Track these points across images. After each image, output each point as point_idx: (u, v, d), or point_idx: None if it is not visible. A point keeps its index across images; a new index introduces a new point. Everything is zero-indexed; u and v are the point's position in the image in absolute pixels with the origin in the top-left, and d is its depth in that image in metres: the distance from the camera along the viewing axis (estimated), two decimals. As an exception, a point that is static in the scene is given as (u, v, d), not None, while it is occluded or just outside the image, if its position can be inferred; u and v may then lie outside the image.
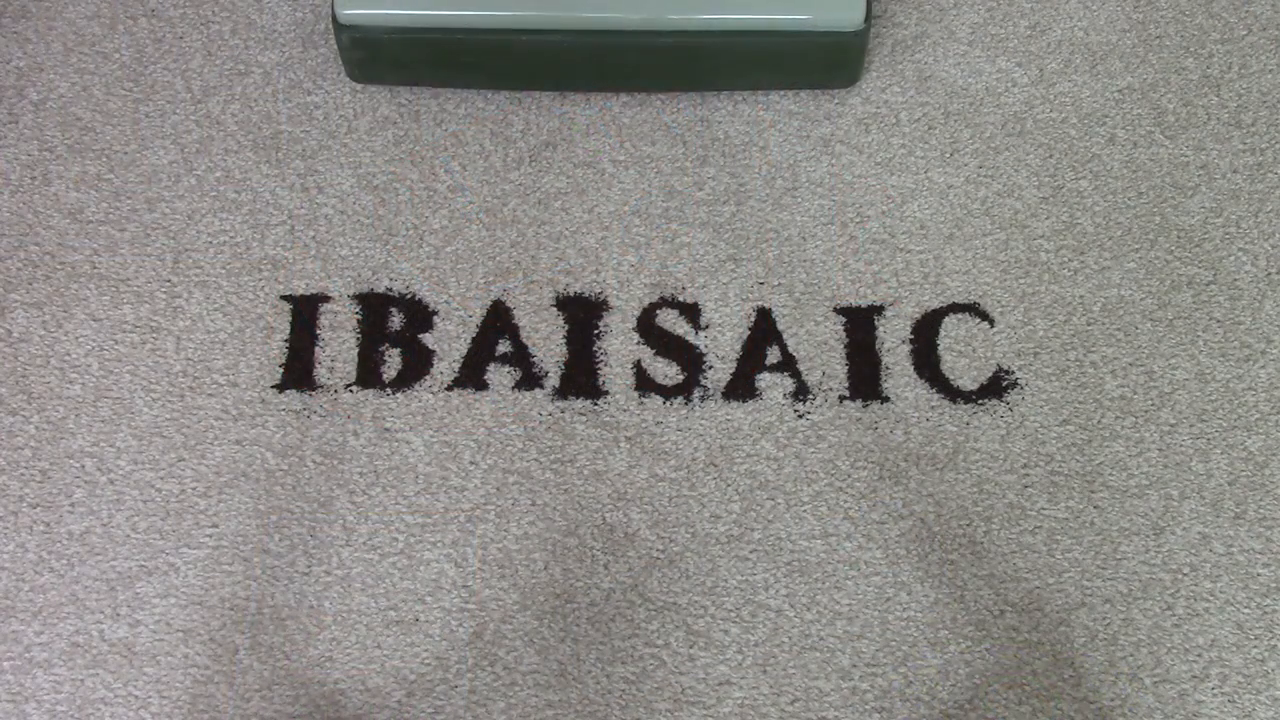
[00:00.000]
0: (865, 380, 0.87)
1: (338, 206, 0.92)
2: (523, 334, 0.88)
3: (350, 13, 0.89)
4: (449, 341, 0.88)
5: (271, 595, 0.81)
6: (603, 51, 0.91)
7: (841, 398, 0.86)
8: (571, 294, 0.90)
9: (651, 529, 0.83)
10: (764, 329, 0.88)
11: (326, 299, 0.89)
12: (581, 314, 0.89)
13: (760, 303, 0.89)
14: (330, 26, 0.93)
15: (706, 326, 0.88)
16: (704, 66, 0.93)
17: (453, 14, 0.89)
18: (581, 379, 0.87)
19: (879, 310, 0.89)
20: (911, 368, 0.87)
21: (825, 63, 0.92)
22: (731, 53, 0.91)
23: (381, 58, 0.92)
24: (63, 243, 0.91)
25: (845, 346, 0.88)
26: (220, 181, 0.92)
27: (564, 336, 0.88)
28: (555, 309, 0.89)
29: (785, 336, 0.88)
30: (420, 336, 0.88)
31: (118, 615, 0.81)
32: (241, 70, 0.96)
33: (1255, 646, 0.80)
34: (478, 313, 0.89)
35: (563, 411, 0.86)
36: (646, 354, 0.88)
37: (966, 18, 0.98)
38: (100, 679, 0.79)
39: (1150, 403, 0.86)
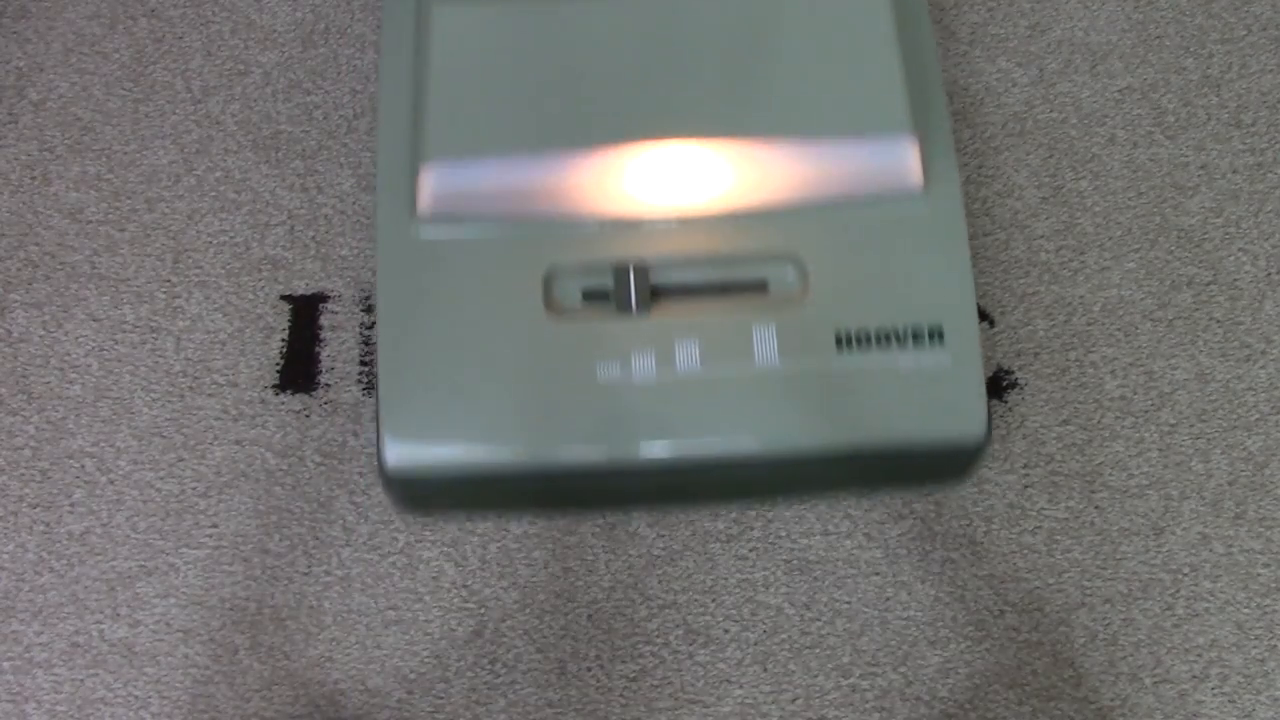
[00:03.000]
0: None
1: (338, 206, 0.92)
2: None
3: (399, 464, 0.75)
4: (449, 341, 0.88)
5: (271, 595, 0.81)
6: (686, 483, 0.79)
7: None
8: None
9: (651, 527, 0.83)
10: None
11: (326, 299, 0.89)
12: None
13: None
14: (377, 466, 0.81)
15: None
16: (796, 487, 0.83)
17: (522, 457, 0.74)
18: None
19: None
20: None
21: (940, 473, 0.82)
22: (832, 475, 0.80)
23: (432, 500, 0.81)
24: (63, 243, 0.91)
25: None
26: (220, 181, 0.92)
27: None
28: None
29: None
30: (420, 336, 0.88)
31: (118, 615, 0.81)
32: (241, 70, 0.96)
33: (1255, 646, 0.80)
34: (478, 312, 0.89)
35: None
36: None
37: (966, 18, 0.98)
38: (100, 679, 0.79)
39: (1150, 403, 0.86)
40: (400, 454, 0.74)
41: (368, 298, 0.89)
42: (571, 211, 0.76)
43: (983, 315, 0.88)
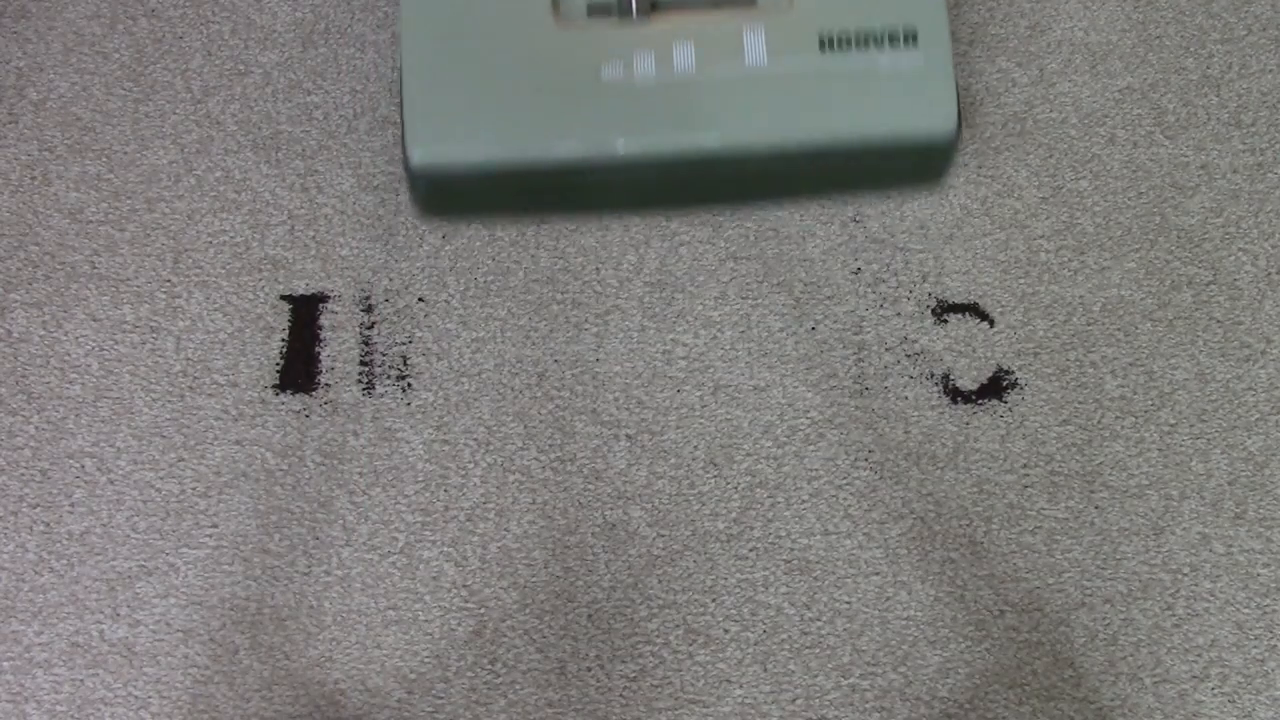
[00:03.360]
0: (865, 379, 0.87)
1: (338, 206, 0.92)
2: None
3: (423, 162, 0.83)
4: (449, 340, 0.88)
5: (271, 595, 0.81)
6: (684, 176, 0.86)
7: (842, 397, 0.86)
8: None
9: (651, 527, 0.83)
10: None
11: (326, 299, 0.89)
12: (581, 314, 0.89)
13: (758, 302, 0.89)
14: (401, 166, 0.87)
15: (706, 325, 0.88)
16: (784, 184, 0.89)
17: (534, 151, 0.83)
18: (582, 376, 0.87)
19: (879, 309, 0.89)
20: (911, 367, 0.87)
21: (914, 171, 0.89)
22: (815, 170, 0.87)
23: (451, 199, 0.88)
24: (63, 243, 0.91)
25: (843, 345, 0.88)
26: (220, 181, 0.92)
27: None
28: (556, 307, 0.89)
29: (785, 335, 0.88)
30: (420, 336, 0.88)
31: (118, 615, 0.81)
32: (241, 70, 0.96)
33: (1255, 646, 0.80)
34: (478, 311, 0.89)
35: (563, 410, 0.86)
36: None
37: (966, 18, 0.98)
38: (100, 679, 0.79)
39: (1150, 403, 0.86)
40: (424, 153, 0.82)
41: (368, 298, 0.89)
42: None
43: (983, 315, 0.88)
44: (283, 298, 0.89)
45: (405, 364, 0.88)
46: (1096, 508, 0.83)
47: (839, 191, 0.90)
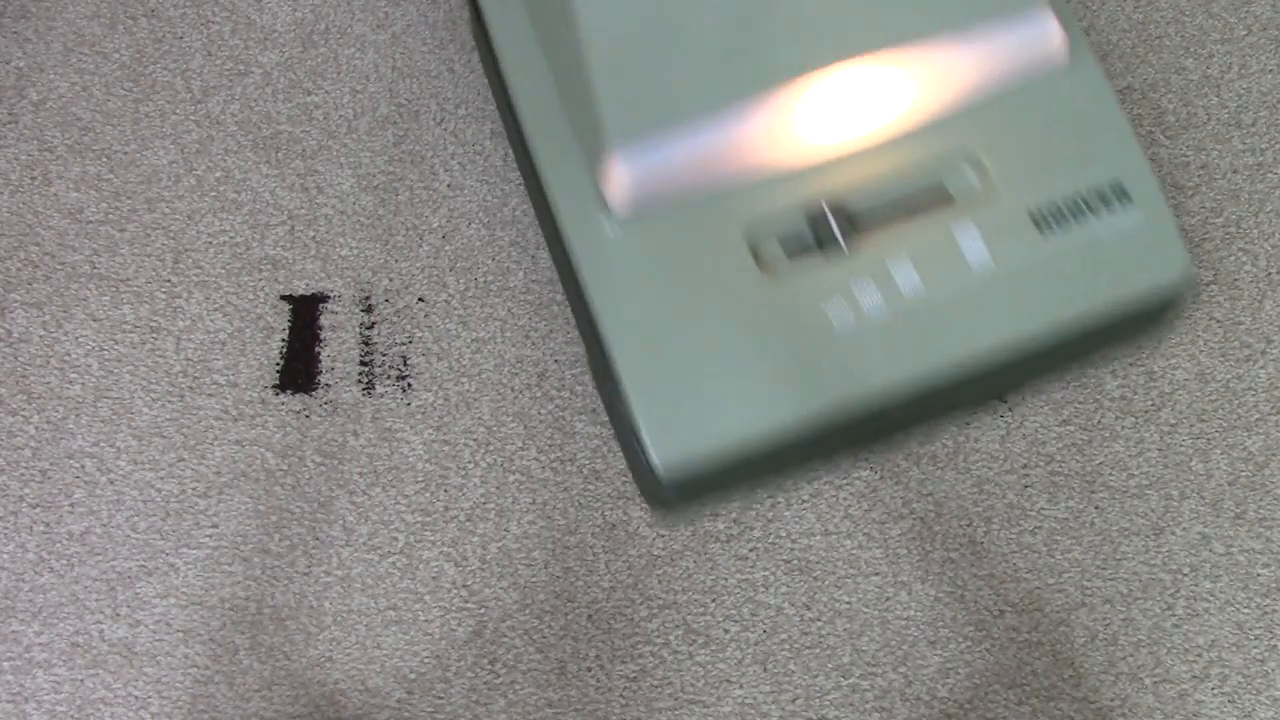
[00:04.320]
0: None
1: (338, 206, 0.92)
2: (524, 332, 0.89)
3: (671, 465, 0.72)
4: (449, 340, 0.88)
5: (271, 595, 0.81)
6: (936, 397, 0.77)
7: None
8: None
9: (651, 527, 0.83)
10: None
11: (326, 299, 0.89)
12: (582, 314, 0.89)
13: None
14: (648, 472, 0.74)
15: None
16: (1028, 374, 0.83)
17: (783, 417, 0.73)
18: (582, 376, 0.87)
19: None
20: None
21: (1150, 324, 0.81)
22: (1061, 351, 0.79)
23: (705, 491, 0.78)
24: (63, 243, 0.91)
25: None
26: (220, 181, 0.92)
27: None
28: (555, 308, 0.89)
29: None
30: (420, 336, 0.88)
31: (118, 615, 0.81)
32: (241, 70, 0.96)
33: (1255, 646, 0.80)
34: (478, 311, 0.89)
35: (563, 410, 0.86)
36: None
37: (966, 18, 0.98)
38: (100, 679, 0.79)
39: (1150, 403, 0.86)
40: (669, 455, 0.72)
41: (368, 298, 0.89)
42: (757, 165, 0.75)
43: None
44: (283, 298, 0.90)
45: (405, 364, 0.88)
46: (1096, 508, 0.83)
47: (1077, 363, 0.85)
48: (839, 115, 0.75)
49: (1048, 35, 0.77)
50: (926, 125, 0.77)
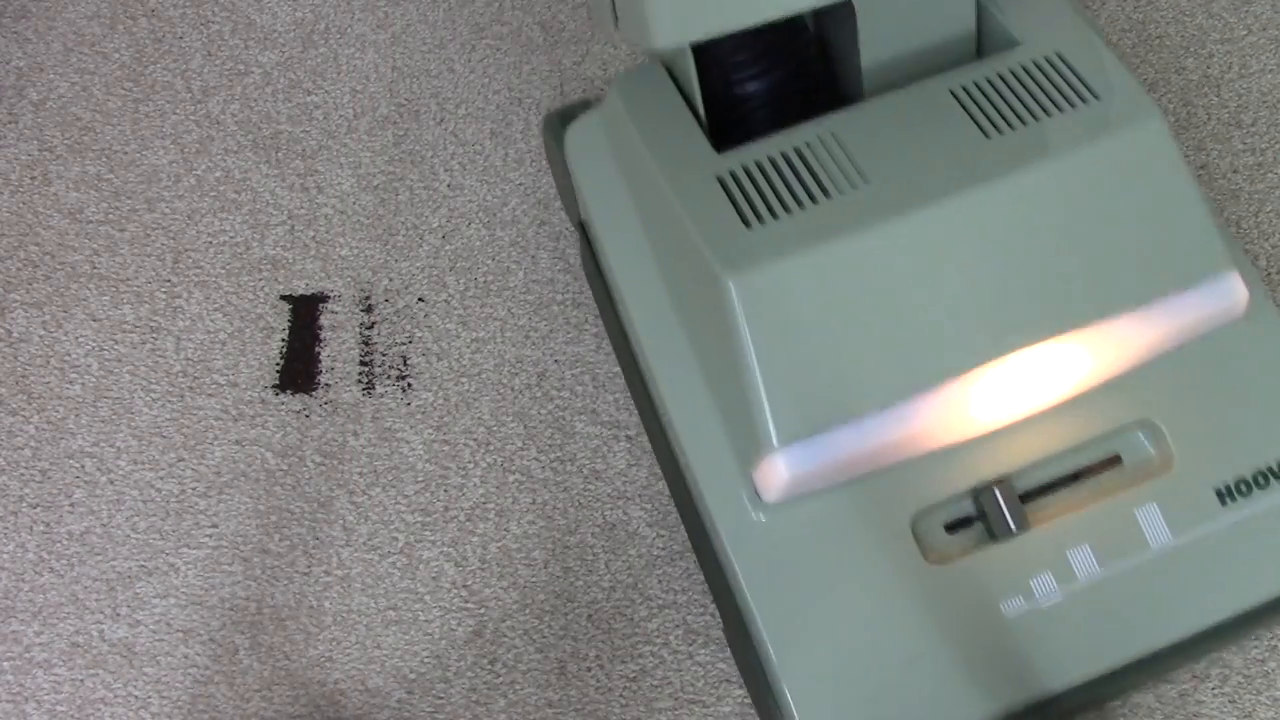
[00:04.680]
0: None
1: (338, 206, 0.92)
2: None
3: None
4: (449, 340, 0.88)
5: (271, 595, 0.81)
6: (1113, 689, 0.72)
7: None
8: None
9: (651, 527, 0.83)
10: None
11: (326, 299, 0.89)
12: (581, 314, 0.89)
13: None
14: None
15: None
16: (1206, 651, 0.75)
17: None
18: (582, 376, 0.87)
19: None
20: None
21: None
22: (1241, 629, 0.72)
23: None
24: (63, 243, 0.91)
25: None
26: (220, 181, 0.92)
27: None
28: (555, 308, 0.89)
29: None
30: (420, 336, 0.88)
31: (118, 615, 0.81)
32: (241, 70, 0.96)
33: (1255, 646, 0.80)
34: (478, 311, 0.89)
35: (563, 410, 0.86)
36: (646, 353, 0.88)
37: (966, 18, 0.98)
38: (100, 679, 0.79)
39: (1150, 402, 0.86)
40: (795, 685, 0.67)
41: (368, 298, 0.89)
42: (918, 452, 0.69)
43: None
44: (283, 298, 0.90)
45: (405, 364, 0.88)
46: (1096, 507, 0.83)
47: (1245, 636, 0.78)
48: (1011, 399, 0.69)
49: (1232, 299, 0.70)
50: (1100, 392, 0.71)
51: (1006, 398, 0.68)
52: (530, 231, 0.91)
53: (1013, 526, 0.68)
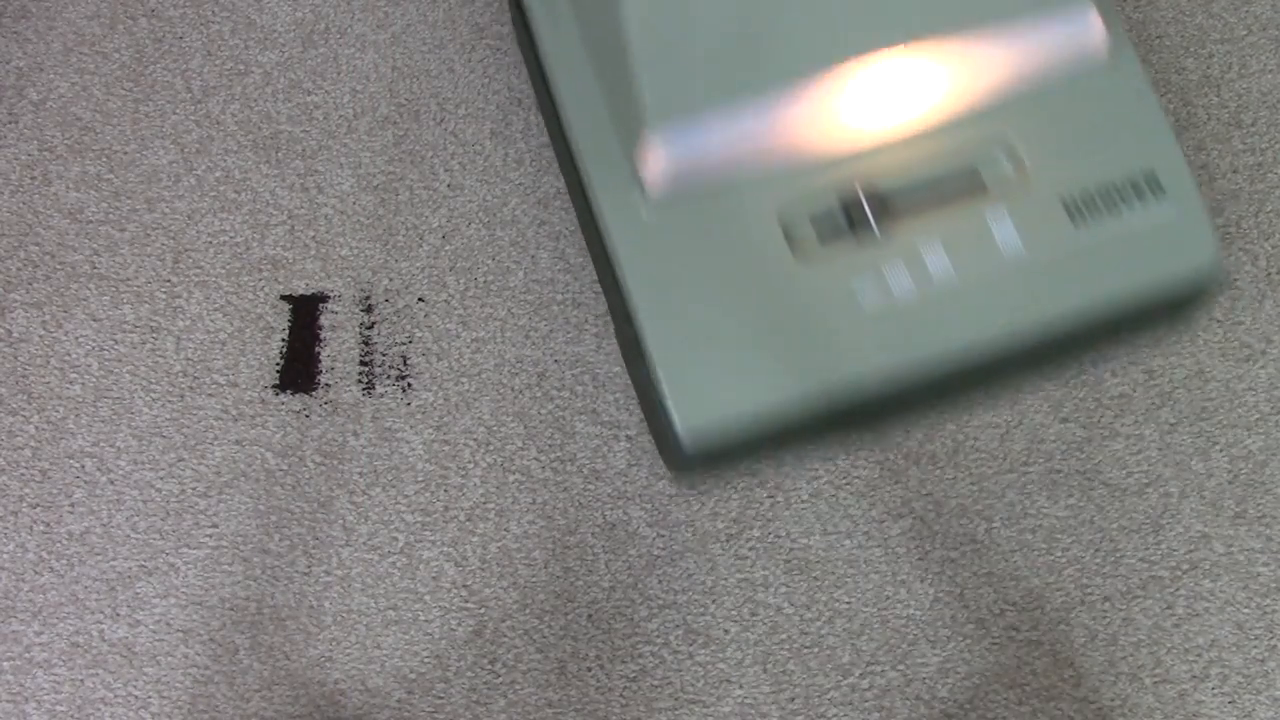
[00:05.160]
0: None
1: (338, 206, 0.92)
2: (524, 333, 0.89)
3: (694, 439, 0.75)
4: (449, 340, 0.88)
5: (271, 595, 0.81)
6: (958, 378, 0.78)
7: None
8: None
9: (651, 527, 0.83)
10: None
11: (326, 299, 0.89)
12: (581, 314, 0.89)
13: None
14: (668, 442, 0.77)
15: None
16: (1049, 361, 0.84)
17: (806, 395, 0.75)
18: (582, 376, 0.87)
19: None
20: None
21: (1179, 313, 0.83)
22: (1084, 340, 0.81)
23: (726, 462, 0.81)
24: (63, 243, 0.91)
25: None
26: (220, 181, 0.92)
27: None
28: (555, 308, 0.89)
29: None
30: (420, 336, 0.88)
31: (118, 615, 0.81)
32: (241, 70, 0.96)
33: (1255, 646, 0.80)
34: (478, 311, 0.89)
35: (563, 410, 0.86)
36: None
37: (966, 18, 0.98)
38: (100, 679, 0.79)
39: (1150, 401, 0.86)
40: (693, 430, 0.74)
41: (368, 298, 0.89)
42: (791, 150, 0.76)
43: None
44: (283, 298, 0.90)
45: (405, 364, 0.88)
46: (1096, 506, 0.83)
47: (1096, 350, 0.86)
48: (877, 102, 0.76)
49: (1089, 30, 0.78)
50: (963, 115, 0.78)
51: (870, 100, 0.75)
52: (530, 231, 0.91)
53: (874, 227, 0.76)
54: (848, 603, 0.81)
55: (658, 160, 0.74)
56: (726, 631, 0.80)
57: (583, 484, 0.84)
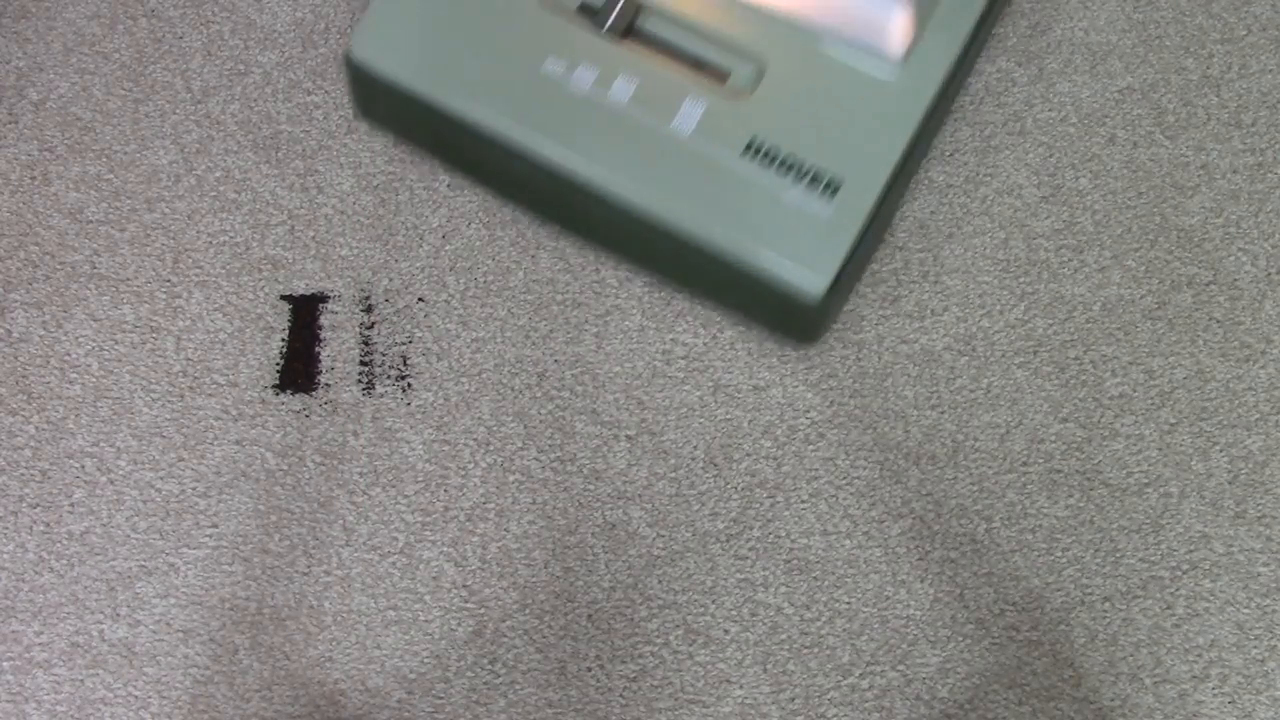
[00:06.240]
0: (865, 379, 0.87)
1: (338, 206, 0.92)
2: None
3: (360, 57, 0.86)
4: (449, 340, 0.88)
5: (271, 595, 0.81)
6: (561, 194, 0.84)
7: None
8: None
9: (651, 527, 0.83)
10: (764, 329, 0.88)
11: (326, 299, 0.89)
12: (581, 313, 0.89)
13: (760, 302, 0.89)
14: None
15: (706, 325, 0.88)
16: (652, 254, 0.85)
17: (453, 101, 0.84)
18: (582, 376, 0.87)
19: (879, 309, 0.89)
20: (912, 366, 0.87)
21: (778, 316, 0.83)
22: (680, 257, 0.82)
23: (376, 106, 0.89)
24: (63, 243, 0.91)
25: (843, 345, 0.88)
26: (220, 181, 0.92)
27: (564, 336, 0.88)
28: (555, 308, 0.89)
29: (785, 336, 0.88)
30: (420, 336, 0.88)
31: (118, 615, 0.81)
32: (241, 70, 0.96)
33: (1255, 646, 0.80)
34: (478, 311, 0.89)
35: (563, 410, 0.86)
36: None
37: (966, 18, 0.98)
38: (100, 679, 0.79)
39: (1150, 401, 0.86)
40: (363, 51, 0.85)
41: (368, 298, 0.89)
42: None
43: (981, 314, 0.88)
44: (283, 298, 0.90)
45: (405, 364, 0.88)
46: (1096, 506, 0.83)
47: (708, 296, 0.86)
48: None
49: (888, 17, 0.78)
50: (754, 9, 0.81)
51: None
52: (530, 231, 0.91)
53: (608, 26, 0.82)
54: (848, 603, 0.81)
55: None
56: (726, 631, 0.80)
57: (583, 484, 0.84)
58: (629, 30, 0.83)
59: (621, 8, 0.82)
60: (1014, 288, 0.89)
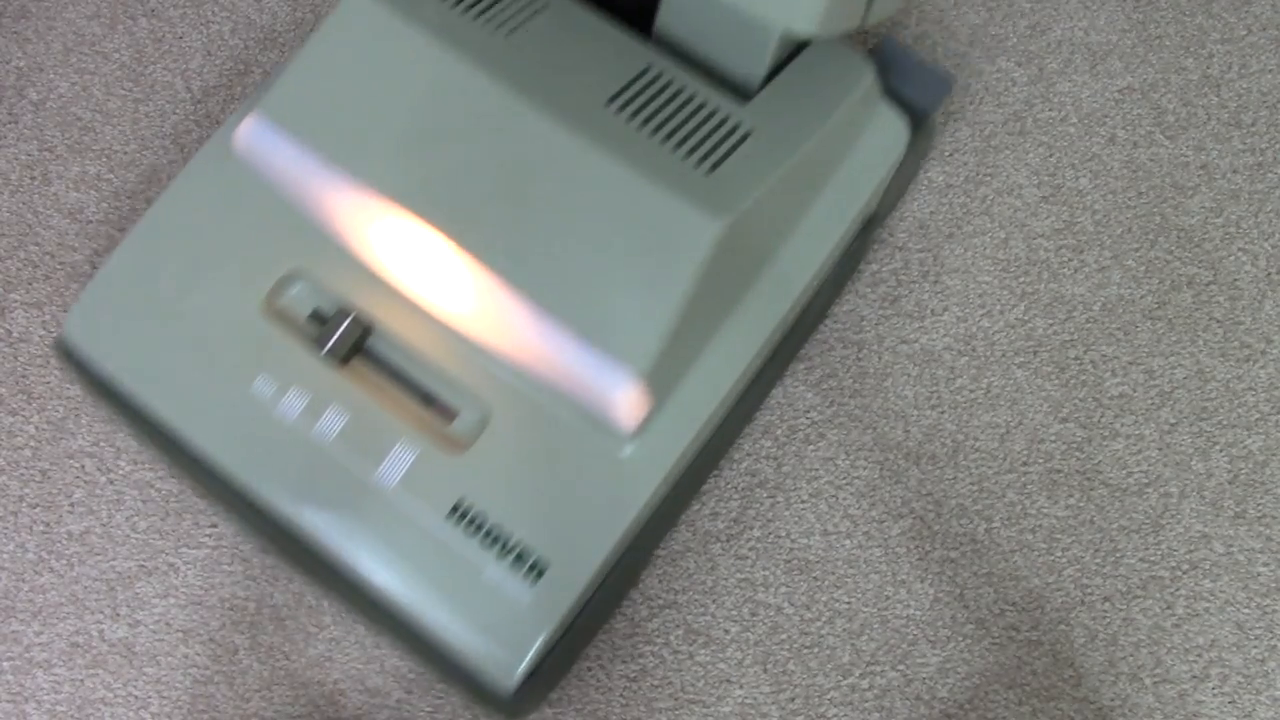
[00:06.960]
0: (865, 379, 0.87)
1: (338, 206, 0.92)
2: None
3: (72, 336, 0.76)
4: (449, 341, 0.88)
5: (271, 595, 0.81)
6: (264, 528, 0.74)
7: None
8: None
9: (651, 527, 0.83)
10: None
11: (326, 299, 0.89)
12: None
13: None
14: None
15: (706, 326, 0.88)
16: (354, 606, 0.75)
17: (147, 399, 0.74)
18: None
19: (879, 309, 0.89)
20: (912, 366, 0.87)
21: (470, 693, 0.71)
22: (371, 611, 0.72)
23: (86, 380, 0.77)
24: (63, 243, 0.91)
25: (843, 345, 0.88)
26: (220, 181, 0.92)
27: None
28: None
29: (785, 336, 0.88)
30: (420, 336, 0.88)
31: (117, 615, 0.81)
32: (241, 70, 0.96)
33: (1255, 646, 0.80)
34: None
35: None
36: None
37: (966, 18, 0.98)
38: (100, 679, 0.79)
39: (1150, 401, 0.86)
40: (77, 330, 0.76)
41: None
42: (344, 241, 0.73)
43: (982, 313, 0.88)
44: (282, 298, 0.89)
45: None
46: (1096, 506, 0.83)
47: (404, 651, 0.77)
48: (429, 271, 0.71)
49: (618, 402, 0.68)
50: (487, 355, 0.72)
51: (417, 260, 0.71)
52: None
53: (329, 348, 0.72)
54: (848, 603, 0.81)
55: (245, 131, 0.74)
56: (726, 631, 0.80)
57: (583, 484, 0.84)
58: (354, 350, 0.73)
59: (345, 329, 0.72)
60: (1014, 288, 0.89)
